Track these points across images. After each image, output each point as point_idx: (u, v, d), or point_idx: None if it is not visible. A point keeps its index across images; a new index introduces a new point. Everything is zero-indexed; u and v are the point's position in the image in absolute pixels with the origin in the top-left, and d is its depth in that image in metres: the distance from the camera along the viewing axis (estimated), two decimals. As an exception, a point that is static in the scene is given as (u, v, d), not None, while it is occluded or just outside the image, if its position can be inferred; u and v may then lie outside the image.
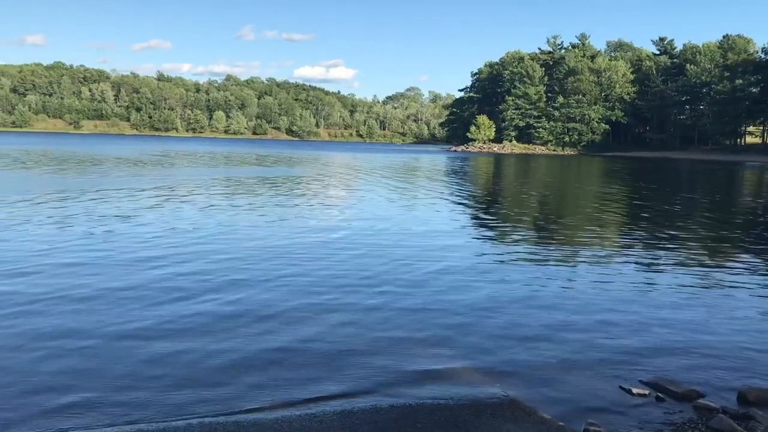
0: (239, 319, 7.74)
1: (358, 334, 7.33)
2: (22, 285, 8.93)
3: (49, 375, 5.88)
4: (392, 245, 13.20)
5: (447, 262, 11.59)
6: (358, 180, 33.87)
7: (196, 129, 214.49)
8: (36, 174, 30.83)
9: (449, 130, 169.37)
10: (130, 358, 6.40)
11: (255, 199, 21.46)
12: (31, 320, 7.41)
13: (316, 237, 13.91)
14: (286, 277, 9.94)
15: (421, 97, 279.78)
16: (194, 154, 62.45)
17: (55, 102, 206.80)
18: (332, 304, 8.50)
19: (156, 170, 36.97)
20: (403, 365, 6.41)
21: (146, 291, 8.84)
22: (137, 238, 12.99)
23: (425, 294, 9.23)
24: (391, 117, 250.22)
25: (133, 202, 19.53)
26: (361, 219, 17.31)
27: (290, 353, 6.66)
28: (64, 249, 11.59)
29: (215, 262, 10.90)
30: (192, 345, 6.80)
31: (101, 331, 7.11)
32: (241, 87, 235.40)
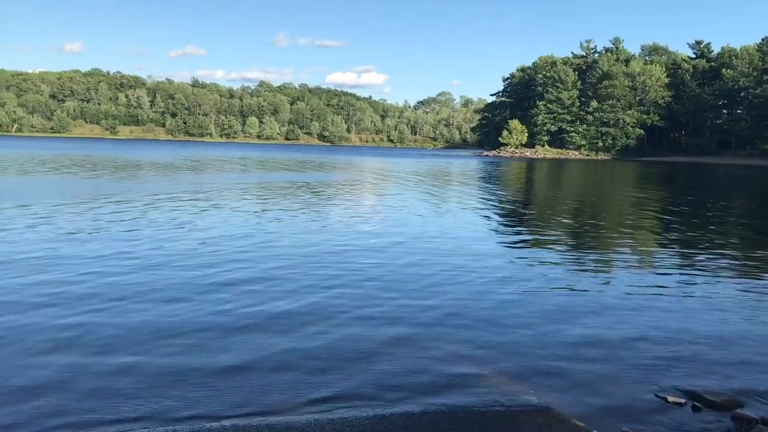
0: (279, 322, 7.81)
1: (389, 338, 7.33)
2: (106, 287, 9.17)
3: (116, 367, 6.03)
4: (425, 250, 13.19)
5: (479, 268, 11.54)
6: (390, 185, 33.89)
7: (230, 134, 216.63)
8: (89, 179, 31.43)
9: (481, 134, 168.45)
10: (182, 354, 6.58)
11: (294, 205, 21.58)
12: (134, 314, 7.72)
13: (348, 242, 13.94)
14: (317, 280, 10.01)
15: (452, 101, 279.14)
16: (230, 160, 63.07)
17: (93, 108, 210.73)
18: (363, 309, 8.51)
19: (197, 176, 37.54)
20: (436, 370, 6.39)
21: (201, 292, 9.07)
22: (195, 242, 13.28)
23: (458, 299, 9.20)
24: (422, 122, 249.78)
25: (183, 208, 19.77)
26: (393, 224, 17.31)
27: (322, 356, 6.69)
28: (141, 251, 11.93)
29: (269, 268, 10.99)
30: (229, 345, 6.90)
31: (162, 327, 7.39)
32: (274, 93, 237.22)
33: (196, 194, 24.39)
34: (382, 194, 27.75)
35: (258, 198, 23.84)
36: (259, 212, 19.12)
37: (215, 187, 28.15)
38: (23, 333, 7.12)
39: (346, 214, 19.45)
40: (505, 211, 23.03)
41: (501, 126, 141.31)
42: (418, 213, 20.41)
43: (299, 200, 23.30)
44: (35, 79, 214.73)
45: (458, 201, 25.56)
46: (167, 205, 20.16)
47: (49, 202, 19.95)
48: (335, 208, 20.93)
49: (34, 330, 7.22)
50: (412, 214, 19.83)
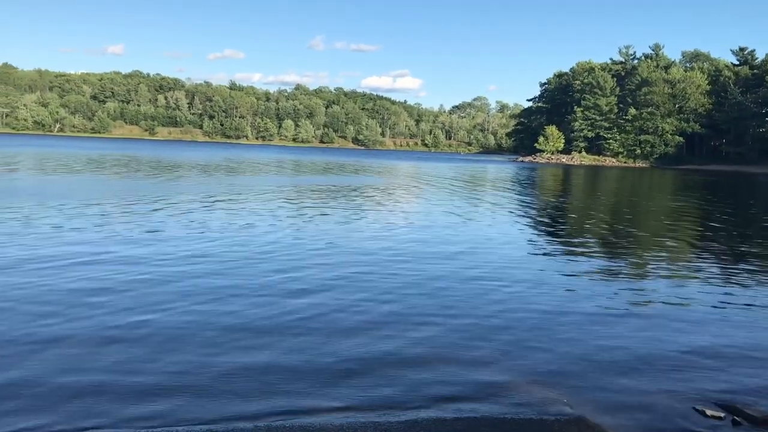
0: (313, 324, 7.86)
1: (423, 344, 7.31)
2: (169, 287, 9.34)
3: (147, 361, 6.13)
4: (458, 255, 13.15)
5: (512, 275, 11.48)
6: (425, 189, 33.84)
7: (266, 137, 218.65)
8: (142, 179, 32.05)
9: (516, 140, 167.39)
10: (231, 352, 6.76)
11: (335, 208, 21.69)
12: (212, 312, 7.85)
13: (381, 245, 13.96)
14: (356, 284, 10.06)
15: (488, 106, 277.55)
16: (271, 162, 63.61)
17: (133, 109, 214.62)
18: (394, 314, 8.52)
19: (242, 178, 37.88)
20: (468, 377, 6.36)
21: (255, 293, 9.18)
22: (256, 244, 13.45)
23: (491, 306, 9.16)
24: (457, 126, 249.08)
25: (237, 210, 20.03)
26: (426, 228, 17.28)
27: (354, 360, 6.70)
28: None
29: (318, 270, 11.10)
30: (266, 345, 6.99)
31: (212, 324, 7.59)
32: (310, 96, 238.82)
33: (244, 196, 24.70)
34: (422, 199, 27.72)
35: (305, 201, 23.96)
36: (309, 217, 19.16)
37: (264, 190, 28.43)
38: (145, 333, 7.29)
39: (391, 218, 19.52)
40: (542, 218, 22.81)
41: (537, 132, 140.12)
42: (455, 219, 20.31)
43: (346, 204, 23.38)
44: (77, 80, 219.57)
45: (495, 206, 25.41)
46: (226, 207, 20.61)
47: (112, 202, 20.45)
48: (380, 213, 20.96)
49: (157, 330, 7.42)
50: (450, 220, 19.71)
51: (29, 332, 7.13)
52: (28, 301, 8.34)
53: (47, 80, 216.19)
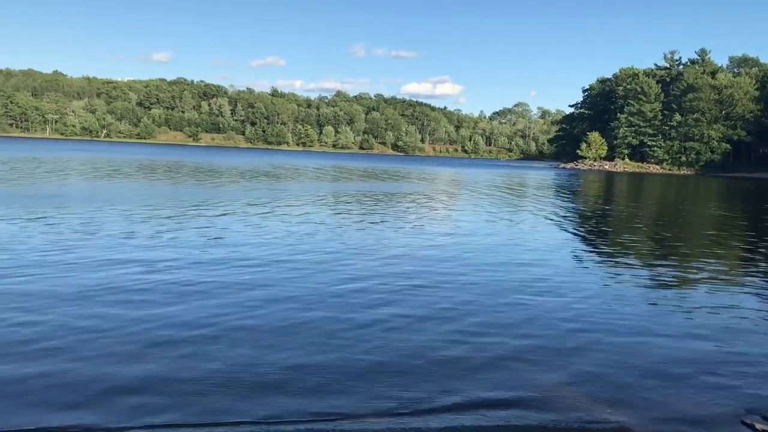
0: (367, 329, 7.91)
1: (463, 351, 7.28)
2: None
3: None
4: (499, 263, 13.08)
5: (554, 283, 11.37)
6: (465, 196, 33.76)
7: (306, 143, 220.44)
8: (194, 185, 32.70)
9: (558, 146, 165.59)
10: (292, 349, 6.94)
11: (389, 215, 21.79)
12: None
13: (422, 252, 13.96)
14: (404, 289, 10.10)
15: (529, 112, 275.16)
16: (316, 169, 64.11)
17: (177, 115, 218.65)
18: (438, 320, 8.50)
19: (288, 183, 38.53)
20: (509, 385, 6.31)
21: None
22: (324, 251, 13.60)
23: (532, 315, 9.07)
24: (497, 133, 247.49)
25: (292, 215, 20.38)
26: (469, 236, 17.22)
27: (391, 364, 6.72)
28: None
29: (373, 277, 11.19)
30: (326, 347, 7.10)
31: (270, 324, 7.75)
32: (350, 103, 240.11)
33: (298, 202, 25.05)
34: (470, 206, 27.65)
35: (357, 208, 24.14)
36: (364, 223, 19.30)
37: (316, 196, 28.79)
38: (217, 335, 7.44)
39: (444, 226, 19.59)
40: (582, 224, 22.55)
41: (579, 138, 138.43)
42: (498, 225, 20.21)
43: (398, 211, 23.53)
44: (124, 87, 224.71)
45: (537, 213, 25.19)
46: (283, 213, 20.92)
47: (173, 207, 20.91)
48: (432, 220, 21.00)
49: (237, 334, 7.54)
50: (493, 227, 19.62)
51: (128, 331, 7.44)
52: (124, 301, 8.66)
53: (95, 87, 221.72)
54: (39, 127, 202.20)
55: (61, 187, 28.04)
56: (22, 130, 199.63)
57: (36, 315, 7.87)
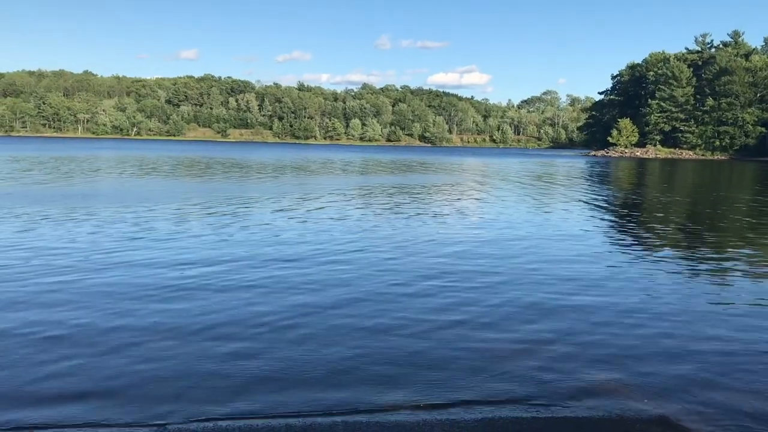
0: (393, 327, 7.82)
1: (497, 341, 7.23)
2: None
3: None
4: (537, 257, 12.89)
5: (588, 272, 11.21)
6: (496, 186, 33.51)
7: (333, 136, 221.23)
8: (235, 181, 33.03)
9: (588, 134, 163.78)
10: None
11: (409, 208, 21.77)
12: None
13: (453, 248, 13.83)
14: (430, 279, 10.03)
15: (558, 100, 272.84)
16: (348, 162, 64.35)
17: (205, 112, 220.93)
18: (472, 311, 8.44)
19: (324, 177, 38.62)
20: (545, 376, 6.25)
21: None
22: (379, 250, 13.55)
23: (567, 303, 8.96)
24: (526, 121, 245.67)
25: (340, 209, 20.54)
26: (502, 228, 17.04)
27: (430, 356, 6.69)
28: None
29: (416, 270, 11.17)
30: (350, 342, 7.09)
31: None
32: (377, 95, 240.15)
33: (339, 196, 25.19)
34: (496, 196, 27.42)
35: (396, 200, 24.13)
36: (407, 216, 19.30)
37: (354, 189, 28.85)
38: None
39: (471, 218, 19.39)
40: (614, 212, 22.21)
41: (610, 125, 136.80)
42: (530, 216, 20.01)
43: (440, 203, 23.45)
44: (153, 85, 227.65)
45: (571, 203, 24.88)
46: (331, 206, 21.09)
47: (220, 203, 21.13)
48: (455, 211, 20.87)
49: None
50: (525, 218, 19.41)
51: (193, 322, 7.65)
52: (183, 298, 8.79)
53: (124, 86, 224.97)
54: (71, 127, 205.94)
55: (106, 186, 28.56)
56: (55, 129, 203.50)
57: (119, 312, 8.05)
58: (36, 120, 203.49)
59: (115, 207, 19.11)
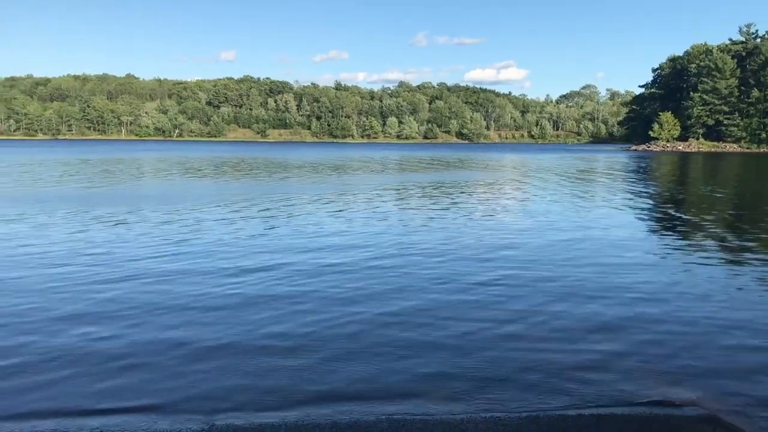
0: (439, 327, 7.88)
1: (541, 342, 7.20)
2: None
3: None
4: (582, 259, 12.77)
5: (633, 270, 11.11)
6: (535, 182, 33.27)
7: (370, 135, 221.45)
8: (284, 180, 33.59)
9: (629, 128, 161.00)
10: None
11: (443, 205, 21.86)
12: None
13: (501, 252, 13.76)
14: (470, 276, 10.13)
15: (597, 94, 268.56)
16: (388, 160, 64.28)
17: (245, 113, 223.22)
18: (522, 310, 8.44)
19: (362, 175, 38.92)
20: (592, 374, 6.21)
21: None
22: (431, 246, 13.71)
23: (614, 303, 8.88)
24: (564, 116, 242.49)
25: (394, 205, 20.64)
26: (544, 228, 16.91)
27: (479, 355, 6.69)
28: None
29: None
30: (407, 339, 7.18)
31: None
32: (413, 93, 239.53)
33: (392, 194, 25.34)
34: (536, 193, 27.31)
35: (442, 198, 24.25)
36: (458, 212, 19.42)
37: (388, 187, 29.05)
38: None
39: (512, 217, 19.35)
40: (658, 208, 21.85)
41: (650, 119, 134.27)
42: (576, 214, 19.83)
43: (485, 200, 23.43)
44: (193, 87, 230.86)
45: (613, 200, 24.61)
46: (377, 205, 21.31)
47: (271, 202, 21.62)
48: (495, 210, 20.90)
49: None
50: (567, 217, 19.24)
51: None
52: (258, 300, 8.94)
53: (166, 88, 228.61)
54: (115, 129, 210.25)
55: (158, 187, 29.25)
56: (100, 132, 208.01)
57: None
58: (81, 123, 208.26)
59: (170, 208, 19.49)
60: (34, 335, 7.20)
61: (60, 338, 7.11)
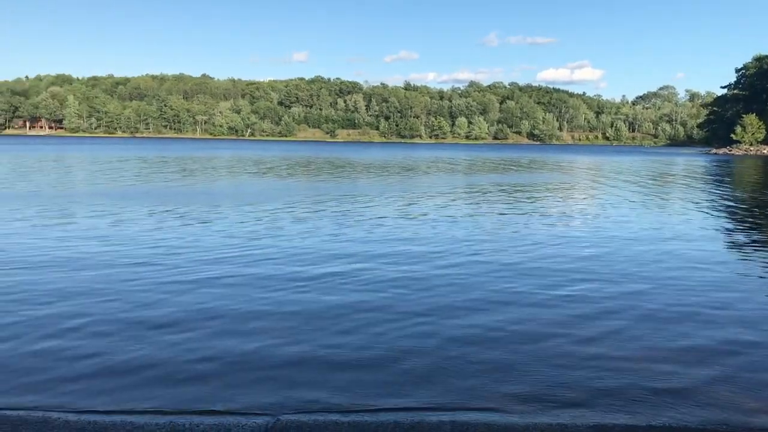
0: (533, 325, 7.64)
1: (611, 348, 6.97)
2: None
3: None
4: (650, 259, 12.28)
5: (709, 278, 10.64)
6: (613, 186, 32.30)
7: (439, 135, 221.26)
8: (367, 180, 33.94)
9: (709, 131, 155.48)
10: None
11: (515, 207, 21.40)
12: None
13: (560, 249, 13.40)
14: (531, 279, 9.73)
15: (675, 96, 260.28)
16: (457, 161, 64.27)
17: (315, 113, 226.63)
18: (587, 314, 8.28)
19: (432, 176, 39.13)
20: (663, 384, 5.98)
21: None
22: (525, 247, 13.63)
23: (688, 312, 8.52)
24: (641, 118, 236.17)
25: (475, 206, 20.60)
26: (623, 233, 16.32)
27: (556, 361, 6.54)
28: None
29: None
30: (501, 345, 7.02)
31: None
32: (483, 93, 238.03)
33: (445, 194, 25.27)
34: (614, 197, 26.44)
35: (492, 199, 23.86)
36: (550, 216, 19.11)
37: (455, 188, 28.83)
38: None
39: (584, 222, 18.79)
40: (738, 217, 20.76)
41: (733, 121, 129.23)
42: (651, 221, 19.08)
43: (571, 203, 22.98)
44: (266, 88, 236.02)
45: (695, 207, 23.54)
46: (448, 205, 21.36)
47: (345, 202, 21.99)
48: (567, 214, 20.30)
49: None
50: (648, 222, 18.52)
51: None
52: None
53: (239, 88, 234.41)
54: (190, 128, 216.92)
55: (237, 185, 30.18)
56: (175, 131, 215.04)
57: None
58: (158, 122, 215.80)
59: (251, 208, 19.89)
60: (111, 337, 7.24)
61: (141, 341, 7.14)
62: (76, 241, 13.24)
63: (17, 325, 7.55)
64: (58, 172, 37.60)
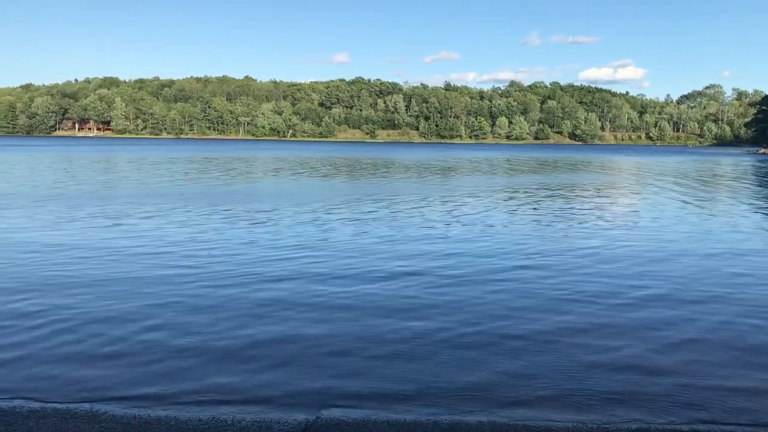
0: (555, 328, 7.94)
1: (658, 351, 7.09)
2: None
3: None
4: (694, 263, 12.46)
5: (750, 278, 10.77)
6: (660, 187, 32.10)
7: (479, 135, 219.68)
8: (418, 180, 34.48)
9: (757, 130, 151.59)
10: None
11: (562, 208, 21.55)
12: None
13: (600, 252, 13.61)
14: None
15: (722, 94, 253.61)
16: (497, 161, 64.04)
17: (355, 114, 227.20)
18: (626, 318, 8.40)
19: (474, 177, 39.23)
20: (709, 386, 6.11)
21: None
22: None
23: (731, 312, 8.68)
24: (685, 117, 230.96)
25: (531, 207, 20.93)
26: (679, 235, 16.43)
27: (590, 367, 6.60)
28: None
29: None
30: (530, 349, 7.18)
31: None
32: (524, 92, 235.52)
33: (490, 196, 25.55)
34: (654, 200, 26.39)
35: (530, 201, 24.08)
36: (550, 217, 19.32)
37: (495, 188, 29.10)
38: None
39: (627, 225, 18.89)
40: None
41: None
42: (677, 220, 19.09)
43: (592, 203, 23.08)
44: (307, 89, 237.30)
45: (728, 207, 23.40)
46: (494, 208, 21.61)
47: (402, 201, 22.61)
48: (609, 217, 20.43)
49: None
50: (671, 221, 18.58)
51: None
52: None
53: (281, 90, 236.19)
54: (233, 129, 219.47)
55: (284, 185, 31.06)
56: (219, 132, 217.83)
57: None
58: (202, 123, 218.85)
59: (301, 209, 20.46)
60: (164, 330, 7.69)
61: (189, 334, 7.57)
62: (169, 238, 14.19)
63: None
64: (129, 170, 39.13)
